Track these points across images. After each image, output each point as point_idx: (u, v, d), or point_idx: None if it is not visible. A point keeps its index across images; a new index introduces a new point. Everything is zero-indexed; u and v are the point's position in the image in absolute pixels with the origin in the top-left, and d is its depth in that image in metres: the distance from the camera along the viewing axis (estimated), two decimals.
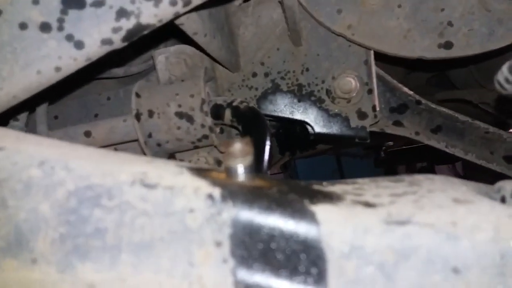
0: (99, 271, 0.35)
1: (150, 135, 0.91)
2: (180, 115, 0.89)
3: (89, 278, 0.34)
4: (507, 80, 0.42)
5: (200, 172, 0.40)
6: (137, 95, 0.92)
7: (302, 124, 1.13)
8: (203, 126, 0.88)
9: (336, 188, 0.43)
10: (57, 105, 1.16)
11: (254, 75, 1.12)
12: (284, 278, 0.34)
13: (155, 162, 0.41)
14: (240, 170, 0.38)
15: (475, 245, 0.31)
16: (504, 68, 0.42)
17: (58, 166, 0.36)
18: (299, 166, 5.00)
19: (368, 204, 0.37)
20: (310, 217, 0.35)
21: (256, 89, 1.12)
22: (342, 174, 5.24)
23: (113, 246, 0.35)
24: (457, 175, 4.85)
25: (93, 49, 0.52)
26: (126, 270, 0.35)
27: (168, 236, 0.35)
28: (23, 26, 0.52)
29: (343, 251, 0.33)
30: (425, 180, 0.46)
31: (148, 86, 0.96)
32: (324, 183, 0.45)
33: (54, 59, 0.51)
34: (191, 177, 0.38)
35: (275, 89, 1.11)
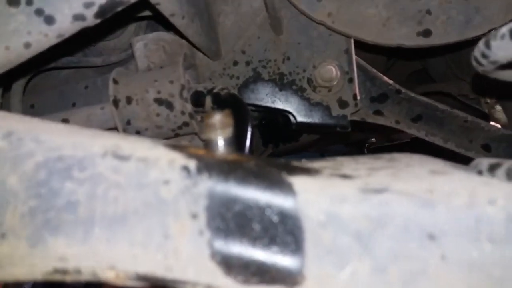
0: (72, 245, 0.34)
1: (128, 122, 0.89)
2: (159, 101, 0.87)
3: (61, 252, 0.33)
4: (483, 55, 0.42)
5: (175, 146, 0.39)
6: (115, 81, 0.90)
7: (284, 113, 1.13)
8: (183, 113, 0.87)
9: (315, 164, 0.43)
10: (33, 94, 1.13)
11: (235, 63, 1.11)
12: (261, 248, 0.33)
13: (129, 137, 0.40)
14: (220, 142, 0.38)
15: (450, 211, 0.31)
16: (481, 43, 0.43)
17: (26, 137, 0.35)
18: None
19: (345, 176, 0.37)
20: (287, 188, 0.34)
21: (238, 77, 1.11)
22: None
23: (86, 220, 0.34)
24: None
25: (65, 25, 0.51)
26: (99, 244, 0.34)
27: (142, 208, 0.34)
28: None
29: (320, 220, 0.33)
30: (403, 157, 0.46)
31: (126, 73, 0.94)
32: (303, 160, 0.45)
33: (23, 35, 0.49)
34: (165, 150, 0.37)
35: (257, 78, 1.11)
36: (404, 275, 0.31)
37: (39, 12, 0.50)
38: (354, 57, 1.06)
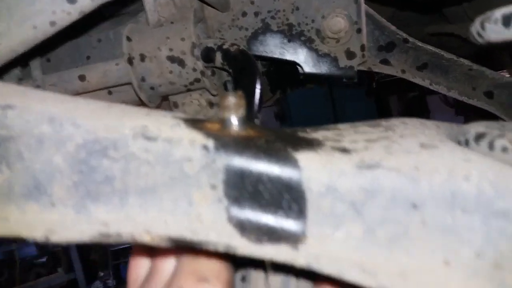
0: (110, 211, 0.40)
1: (143, 79, 0.93)
2: (171, 59, 0.90)
3: (102, 218, 0.40)
4: (478, 34, 0.45)
5: (195, 123, 0.44)
6: (128, 39, 0.93)
7: (292, 64, 1.15)
8: (194, 70, 0.91)
9: (319, 134, 0.48)
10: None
11: (244, 14, 1.11)
12: (270, 213, 0.39)
13: (153, 115, 0.45)
14: (234, 121, 0.43)
15: (431, 186, 0.37)
16: (477, 22, 0.45)
17: (66, 122, 0.40)
18: (290, 97, 5.07)
19: (344, 150, 0.42)
20: (293, 164, 0.40)
21: (246, 29, 1.12)
22: (333, 103, 5.34)
23: (121, 190, 0.40)
24: (448, 104, 4.95)
25: (86, 3, 0.54)
26: (134, 210, 0.40)
27: (170, 181, 0.40)
28: None
29: (320, 191, 0.39)
30: (399, 125, 0.51)
31: (139, 29, 0.96)
32: (308, 129, 0.50)
33: (49, 14, 0.53)
34: (187, 129, 0.42)
35: (266, 29, 1.12)
36: (390, 236, 0.38)
37: None
38: (363, 6, 1.06)
